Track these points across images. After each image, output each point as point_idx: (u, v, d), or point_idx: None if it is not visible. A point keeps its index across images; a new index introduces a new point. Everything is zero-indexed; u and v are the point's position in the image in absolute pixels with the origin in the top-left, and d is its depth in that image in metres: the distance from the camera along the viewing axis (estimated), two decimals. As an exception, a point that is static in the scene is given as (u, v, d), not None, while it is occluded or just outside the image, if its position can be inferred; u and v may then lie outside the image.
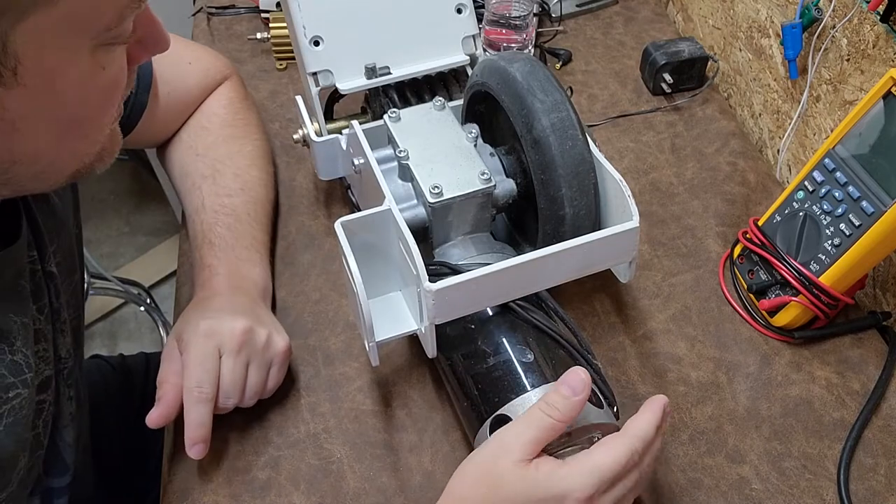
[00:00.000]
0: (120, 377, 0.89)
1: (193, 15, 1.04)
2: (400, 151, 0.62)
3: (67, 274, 0.63)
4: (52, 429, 0.60)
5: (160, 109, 0.73)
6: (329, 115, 0.76)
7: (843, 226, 0.63)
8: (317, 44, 0.68)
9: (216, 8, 1.04)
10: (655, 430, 0.48)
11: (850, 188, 0.62)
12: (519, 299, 0.57)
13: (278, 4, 0.97)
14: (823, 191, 0.65)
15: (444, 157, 0.62)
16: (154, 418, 0.58)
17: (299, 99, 0.74)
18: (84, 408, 0.69)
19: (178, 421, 0.64)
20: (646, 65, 0.92)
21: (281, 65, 0.97)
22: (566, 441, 0.50)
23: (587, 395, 0.47)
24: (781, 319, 0.68)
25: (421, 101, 0.72)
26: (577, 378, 0.47)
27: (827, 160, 0.65)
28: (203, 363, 0.58)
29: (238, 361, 0.59)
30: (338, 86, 0.70)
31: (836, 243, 0.63)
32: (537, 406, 0.47)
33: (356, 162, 0.65)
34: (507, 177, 0.63)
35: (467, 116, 0.70)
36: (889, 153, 0.60)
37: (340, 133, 0.72)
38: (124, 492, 0.85)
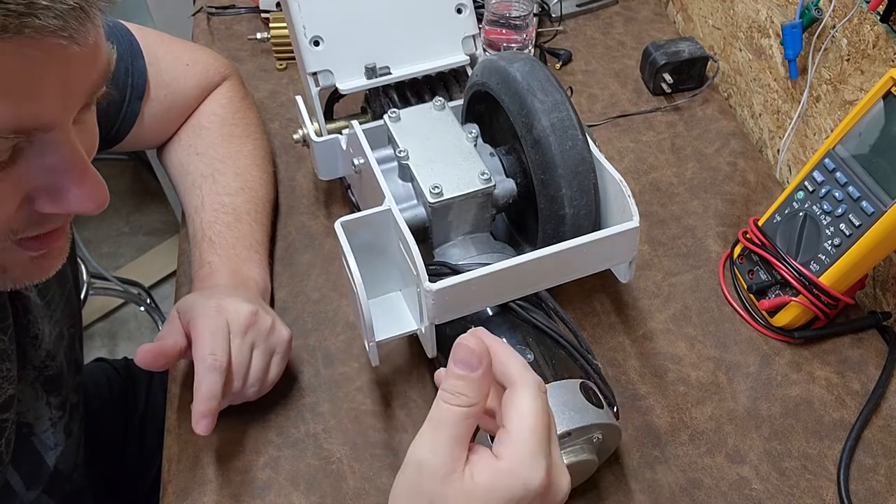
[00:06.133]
0: (123, 381, 0.89)
1: (193, 15, 1.04)
2: (400, 151, 0.62)
3: (58, 286, 0.63)
4: (28, 437, 0.60)
5: (158, 112, 0.73)
6: (329, 115, 0.76)
7: (843, 226, 0.63)
8: (317, 44, 0.68)
9: (216, 8, 1.04)
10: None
11: (850, 188, 0.62)
12: (519, 299, 0.57)
13: (278, 4, 0.97)
14: (823, 191, 0.65)
15: (444, 157, 0.62)
16: (144, 351, 0.55)
17: (299, 99, 0.74)
18: (78, 409, 0.68)
19: (180, 421, 0.64)
20: (646, 65, 0.92)
21: (281, 65, 0.97)
22: (566, 441, 0.50)
23: (488, 364, 0.39)
24: (781, 319, 0.68)
25: (421, 101, 0.72)
26: (466, 351, 0.39)
27: (827, 160, 0.65)
28: (215, 334, 0.57)
29: (244, 342, 0.58)
30: (338, 86, 0.70)
31: (836, 243, 0.63)
32: (439, 400, 0.39)
33: (356, 162, 0.65)
34: (507, 177, 0.63)
35: (467, 116, 0.70)
36: (889, 153, 0.60)
37: (340, 133, 0.72)
38: (126, 494, 0.85)
